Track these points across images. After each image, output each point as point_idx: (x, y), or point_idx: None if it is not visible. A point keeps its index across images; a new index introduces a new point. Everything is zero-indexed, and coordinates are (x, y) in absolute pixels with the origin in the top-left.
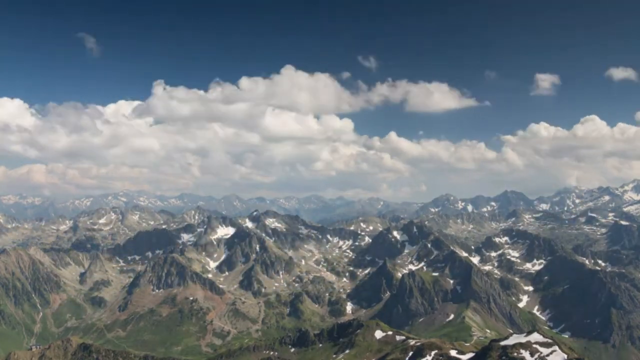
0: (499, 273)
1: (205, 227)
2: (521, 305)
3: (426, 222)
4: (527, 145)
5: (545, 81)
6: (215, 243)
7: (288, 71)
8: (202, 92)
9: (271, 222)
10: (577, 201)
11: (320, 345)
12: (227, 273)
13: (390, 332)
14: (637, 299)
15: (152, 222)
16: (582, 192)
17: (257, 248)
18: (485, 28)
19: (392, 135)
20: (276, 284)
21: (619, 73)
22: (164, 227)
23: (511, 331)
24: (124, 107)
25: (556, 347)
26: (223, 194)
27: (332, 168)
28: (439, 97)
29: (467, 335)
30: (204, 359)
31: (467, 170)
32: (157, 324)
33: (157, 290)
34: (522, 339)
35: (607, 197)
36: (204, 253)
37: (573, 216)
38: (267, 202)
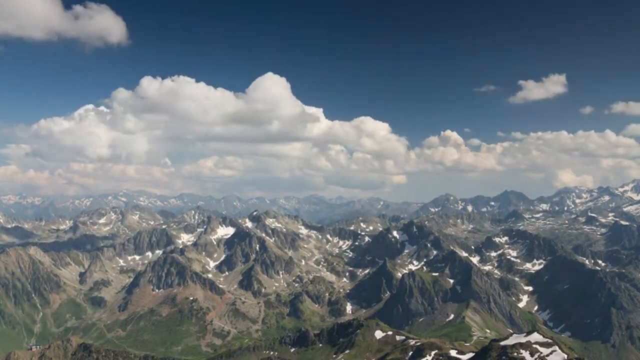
0: (499, 273)
1: (205, 227)
2: (521, 305)
3: (426, 222)
4: None
5: None
6: (215, 243)
7: None
8: None
9: (271, 222)
10: (577, 201)
11: (320, 345)
12: (227, 273)
13: (390, 332)
14: (637, 299)
15: (152, 222)
16: (582, 192)
17: (257, 248)
18: None
19: None
20: (276, 284)
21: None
22: (164, 227)
23: (511, 331)
24: None
25: (556, 347)
26: (220, 194)
27: None
28: None
29: (467, 335)
30: (204, 359)
31: None
32: (157, 324)
33: (157, 290)
34: (522, 339)
35: (607, 197)
36: (204, 253)
37: (573, 216)
38: (267, 202)
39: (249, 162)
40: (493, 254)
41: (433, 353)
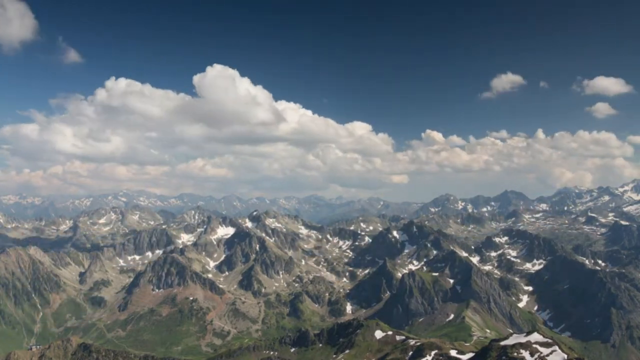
0: (498, 273)
1: (205, 227)
2: (521, 305)
3: (426, 222)
4: None
5: None
6: (215, 243)
7: None
8: None
9: (271, 222)
10: (577, 201)
11: (320, 345)
12: (227, 273)
13: (390, 332)
14: (637, 299)
15: (152, 222)
16: (582, 192)
17: (257, 248)
18: None
19: None
20: (276, 284)
21: None
22: (164, 227)
23: (511, 331)
24: None
25: (556, 347)
26: (220, 194)
27: None
28: None
29: (467, 335)
30: (204, 359)
31: None
32: (157, 324)
33: (157, 290)
34: (522, 339)
35: (607, 197)
36: (204, 253)
37: (573, 216)
38: (267, 202)
39: (237, 161)
40: (493, 254)
41: (433, 353)
